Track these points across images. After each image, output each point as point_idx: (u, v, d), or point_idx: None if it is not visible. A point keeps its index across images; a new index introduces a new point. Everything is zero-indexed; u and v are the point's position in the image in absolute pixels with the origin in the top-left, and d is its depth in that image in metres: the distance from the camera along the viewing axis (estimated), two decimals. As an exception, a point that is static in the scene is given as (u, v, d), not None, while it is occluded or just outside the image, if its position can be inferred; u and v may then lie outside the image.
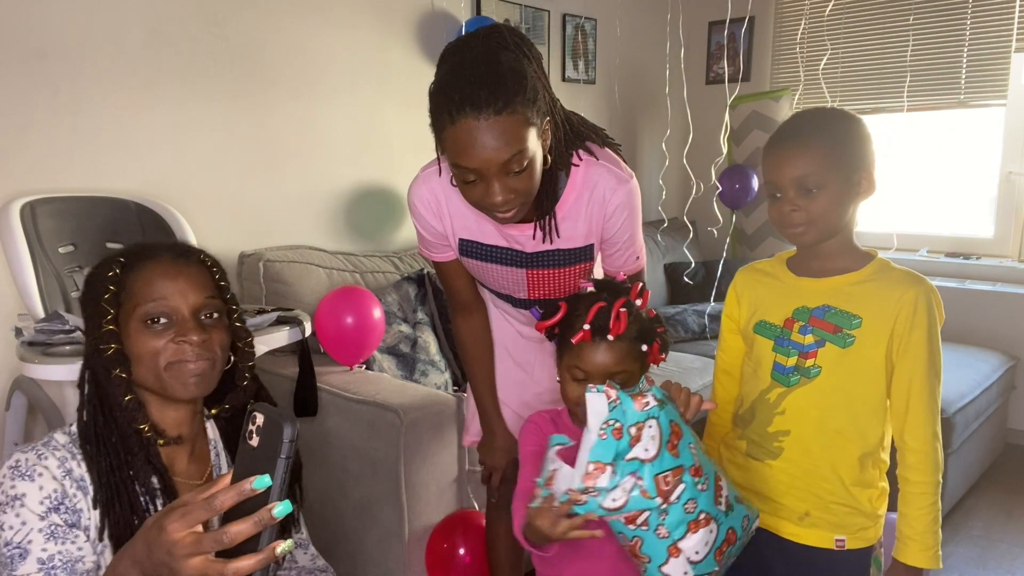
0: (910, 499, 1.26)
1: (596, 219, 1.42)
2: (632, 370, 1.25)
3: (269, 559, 0.71)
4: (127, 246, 1.09)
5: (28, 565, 0.93)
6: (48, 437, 1.03)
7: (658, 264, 3.85)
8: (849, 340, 1.25)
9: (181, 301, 1.02)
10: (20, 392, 1.91)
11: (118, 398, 1.02)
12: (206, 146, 2.45)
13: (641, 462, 1.08)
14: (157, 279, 1.02)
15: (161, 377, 1.02)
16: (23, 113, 2.05)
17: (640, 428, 1.08)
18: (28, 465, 0.97)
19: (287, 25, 2.61)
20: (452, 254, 1.52)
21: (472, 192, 1.24)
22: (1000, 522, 2.74)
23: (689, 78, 3.95)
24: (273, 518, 0.70)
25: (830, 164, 1.21)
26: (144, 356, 1.01)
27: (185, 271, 1.04)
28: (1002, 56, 3.42)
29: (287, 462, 0.72)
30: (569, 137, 1.37)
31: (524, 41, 1.25)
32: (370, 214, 2.97)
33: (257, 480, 0.71)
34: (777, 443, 1.33)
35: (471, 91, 1.14)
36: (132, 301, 1.01)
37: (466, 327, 1.63)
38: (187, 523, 0.71)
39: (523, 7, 3.44)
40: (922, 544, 1.25)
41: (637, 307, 1.25)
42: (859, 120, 1.26)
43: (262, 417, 0.75)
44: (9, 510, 0.94)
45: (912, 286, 1.24)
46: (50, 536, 0.95)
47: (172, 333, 1.02)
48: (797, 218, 1.24)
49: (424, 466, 2.00)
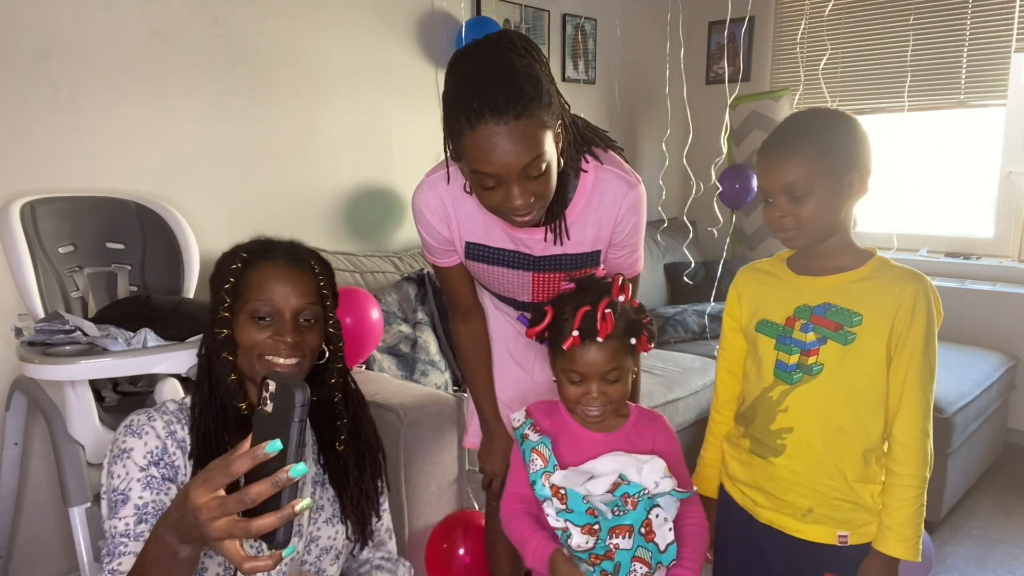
0: (893, 490, 1.28)
1: (606, 224, 1.42)
2: (624, 365, 1.30)
3: (289, 517, 0.77)
4: (251, 240, 1.21)
5: (127, 509, 1.04)
6: (161, 404, 1.15)
7: (658, 264, 3.85)
8: (850, 337, 1.26)
9: (285, 303, 1.13)
10: (20, 392, 1.91)
11: (224, 377, 1.13)
12: (206, 146, 2.45)
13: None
14: (268, 280, 1.14)
15: (254, 366, 1.13)
16: (23, 113, 2.05)
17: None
18: (139, 424, 1.09)
19: (287, 25, 2.61)
20: (456, 259, 1.52)
21: (491, 197, 1.23)
22: (1000, 522, 2.74)
23: (689, 78, 3.95)
24: (290, 479, 0.75)
25: (817, 170, 1.22)
26: (245, 345, 1.13)
27: (294, 276, 1.15)
28: (1002, 56, 3.43)
29: (300, 425, 0.76)
30: (577, 141, 1.37)
31: (533, 46, 1.26)
32: (370, 214, 2.98)
33: (269, 445, 0.76)
34: (780, 440, 1.34)
35: (489, 97, 1.14)
36: (245, 295, 1.13)
37: (466, 333, 1.63)
38: (209, 488, 0.77)
39: (523, 7, 3.44)
40: (900, 535, 1.27)
41: (620, 303, 1.29)
42: (851, 120, 1.26)
43: (274, 384, 0.78)
44: (118, 461, 1.06)
45: (911, 283, 1.25)
46: (146, 486, 1.05)
47: (272, 330, 1.13)
48: (787, 223, 1.26)
49: (424, 466, 2.01)
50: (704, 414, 2.85)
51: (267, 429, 0.78)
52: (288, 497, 0.77)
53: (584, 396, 1.30)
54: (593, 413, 1.31)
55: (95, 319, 1.80)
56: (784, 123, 1.30)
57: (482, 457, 1.70)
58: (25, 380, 1.80)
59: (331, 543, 1.24)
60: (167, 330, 1.69)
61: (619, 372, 1.29)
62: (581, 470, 1.29)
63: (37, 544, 2.19)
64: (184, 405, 1.15)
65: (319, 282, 1.19)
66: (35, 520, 2.18)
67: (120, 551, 1.02)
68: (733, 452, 1.44)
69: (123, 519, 1.04)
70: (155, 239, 2.09)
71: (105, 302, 1.96)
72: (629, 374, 1.32)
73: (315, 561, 1.21)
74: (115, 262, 2.05)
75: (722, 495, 1.48)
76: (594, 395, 1.29)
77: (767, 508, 1.38)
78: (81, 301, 1.96)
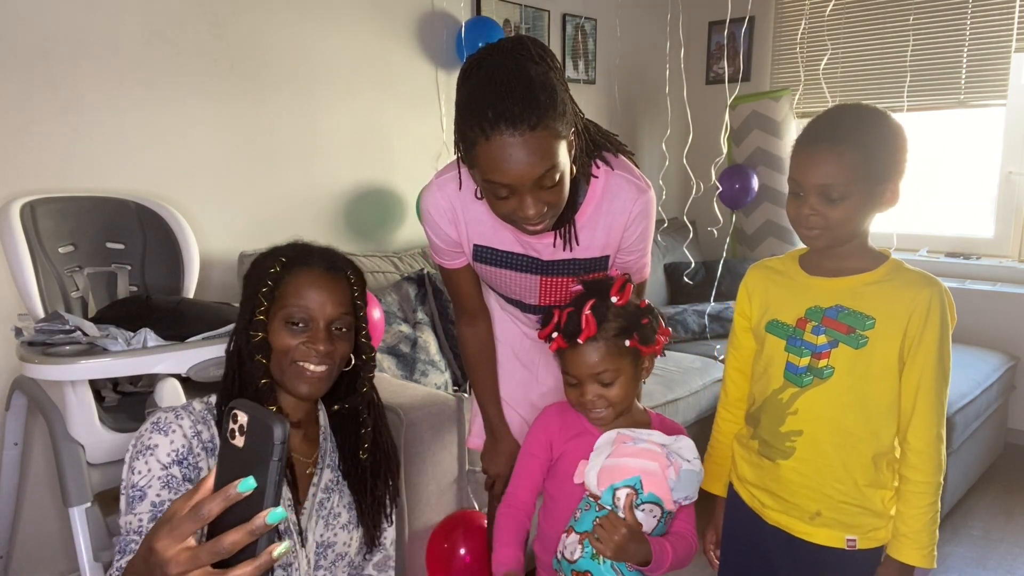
0: (908, 497, 1.27)
1: (615, 229, 1.42)
2: (619, 367, 1.27)
3: (267, 564, 0.69)
4: (289, 244, 1.22)
5: (143, 506, 1.04)
6: (188, 402, 1.15)
7: (658, 264, 3.85)
8: (862, 341, 1.24)
9: (319, 312, 1.15)
10: (20, 392, 1.91)
11: (256, 380, 1.14)
12: (206, 146, 2.45)
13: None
14: (306, 287, 1.15)
15: (284, 371, 1.14)
16: (23, 113, 2.05)
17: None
18: (166, 422, 1.09)
19: (287, 25, 2.61)
20: (463, 260, 1.51)
21: (504, 206, 1.23)
22: (1000, 522, 2.74)
23: (689, 78, 3.95)
24: (267, 525, 0.68)
25: (858, 176, 1.18)
26: (278, 349, 1.14)
27: (330, 285, 1.16)
28: (1002, 56, 3.43)
29: (279, 464, 0.68)
30: (588, 146, 1.36)
31: (548, 52, 1.24)
32: (370, 214, 2.98)
33: (242, 483, 0.68)
34: (789, 443, 1.33)
35: (505, 106, 1.13)
36: (282, 300, 1.15)
37: (471, 335, 1.63)
38: (176, 538, 0.69)
39: (523, 7, 3.44)
40: (916, 542, 1.26)
41: (614, 304, 1.27)
42: (898, 128, 1.21)
43: (246, 416, 0.70)
44: (141, 457, 1.06)
45: (926, 287, 1.23)
46: (165, 485, 1.05)
47: (304, 337, 1.14)
48: (815, 222, 1.23)
49: (424, 466, 2.01)
50: (704, 414, 2.85)
51: (237, 466, 0.69)
52: (265, 543, 0.69)
53: (580, 398, 1.30)
54: (594, 415, 1.31)
55: (95, 319, 1.80)
56: (830, 117, 1.24)
57: (485, 458, 1.70)
58: (25, 380, 1.80)
59: (346, 549, 1.24)
60: (167, 330, 1.69)
61: (613, 374, 1.27)
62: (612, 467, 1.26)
63: (37, 544, 2.19)
64: (209, 405, 1.15)
65: (354, 292, 1.20)
66: (35, 520, 2.18)
67: (131, 548, 1.02)
68: (743, 453, 1.43)
69: (138, 515, 1.03)
70: (155, 239, 2.09)
71: (105, 302, 1.96)
72: (627, 376, 1.29)
73: (329, 566, 1.21)
74: (115, 262, 2.05)
75: (731, 495, 1.47)
76: (588, 397, 1.28)
77: (775, 510, 1.37)
78: (81, 301, 1.96)
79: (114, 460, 1.73)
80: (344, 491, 1.25)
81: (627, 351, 1.27)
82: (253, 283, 1.17)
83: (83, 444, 1.69)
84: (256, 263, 1.20)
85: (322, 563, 1.20)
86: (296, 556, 1.17)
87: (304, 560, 1.18)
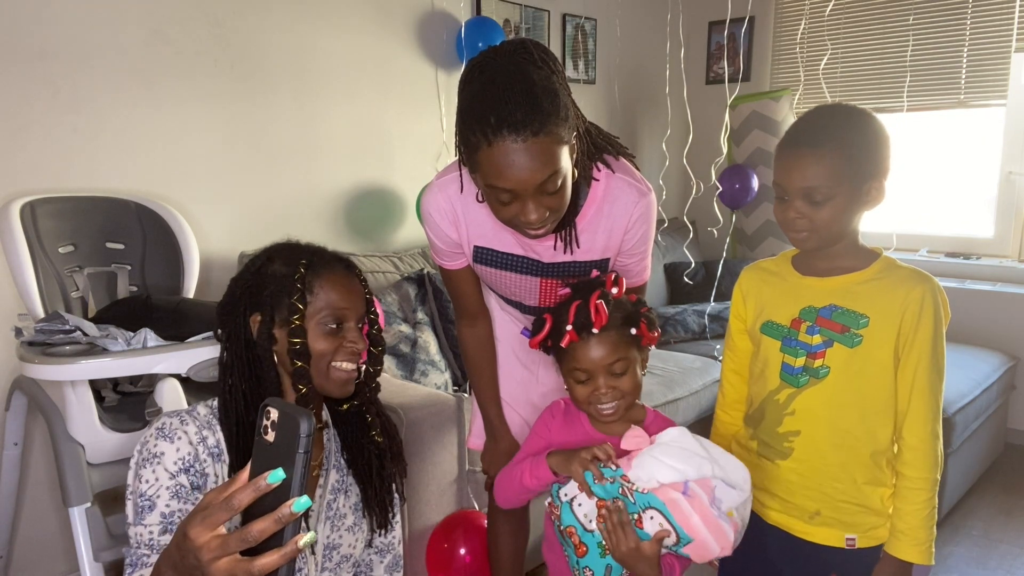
0: (905, 494, 1.27)
1: (616, 232, 1.42)
2: (628, 356, 1.28)
3: (293, 554, 0.73)
4: (302, 247, 1.20)
5: (153, 517, 1.03)
6: (192, 407, 1.14)
7: (658, 264, 3.85)
8: (857, 340, 1.25)
9: (352, 312, 1.16)
10: (20, 392, 1.91)
11: (291, 385, 1.13)
12: (206, 146, 2.45)
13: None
14: (337, 289, 1.15)
15: (322, 373, 1.14)
16: (23, 113, 2.05)
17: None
18: (171, 428, 1.08)
19: (287, 25, 2.61)
20: (464, 261, 1.51)
21: (506, 211, 1.23)
22: (1000, 522, 2.74)
23: (689, 78, 3.95)
24: (293, 514, 0.72)
25: (841, 177, 1.19)
26: (316, 353, 1.13)
27: (353, 283, 1.18)
28: (1002, 56, 3.43)
29: (305, 457, 0.73)
30: (590, 149, 1.36)
31: (550, 55, 1.24)
32: (370, 214, 2.98)
33: (271, 475, 0.72)
34: (787, 443, 1.33)
35: (508, 112, 1.12)
36: (314, 305, 1.14)
37: (471, 336, 1.63)
38: (209, 526, 0.73)
39: (523, 7, 3.44)
40: (914, 539, 1.26)
41: (613, 295, 1.28)
42: (878, 124, 1.23)
43: (276, 412, 0.74)
44: (148, 465, 1.05)
45: (918, 284, 1.23)
46: (174, 495, 1.05)
47: (341, 339, 1.14)
48: (801, 225, 1.24)
49: (424, 466, 2.01)
50: (704, 414, 2.85)
51: (268, 459, 0.74)
52: (291, 533, 0.73)
53: (593, 393, 1.27)
54: (606, 411, 1.28)
55: (95, 319, 1.80)
56: (810, 120, 1.25)
57: (485, 459, 1.70)
58: (25, 380, 1.80)
59: (351, 551, 1.24)
60: (167, 330, 1.69)
61: (624, 364, 1.26)
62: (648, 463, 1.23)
63: (37, 544, 2.19)
64: (214, 410, 1.14)
65: (364, 288, 1.21)
66: (35, 520, 2.18)
67: (142, 562, 1.02)
68: (742, 454, 1.43)
69: (148, 527, 1.03)
70: (155, 239, 2.09)
71: (105, 302, 1.96)
72: (636, 365, 1.29)
73: (335, 568, 1.21)
74: (115, 262, 2.05)
75: None
76: (603, 390, 1.26)
77: (775, 510, 1.37)
78: (81, 301, 1.96)
79: (114, 460, 1.73)
80: (350, 491, 1.24)
81: (633, 340, 1.28)
82: (267, 288, 1.14)
83: (83, 444, 1.69)
84: (273, 272, 1.16)
85: (327, 565, 1.20)
86: (305, 560, 1.17)
87: (312, 563, 1.18)
